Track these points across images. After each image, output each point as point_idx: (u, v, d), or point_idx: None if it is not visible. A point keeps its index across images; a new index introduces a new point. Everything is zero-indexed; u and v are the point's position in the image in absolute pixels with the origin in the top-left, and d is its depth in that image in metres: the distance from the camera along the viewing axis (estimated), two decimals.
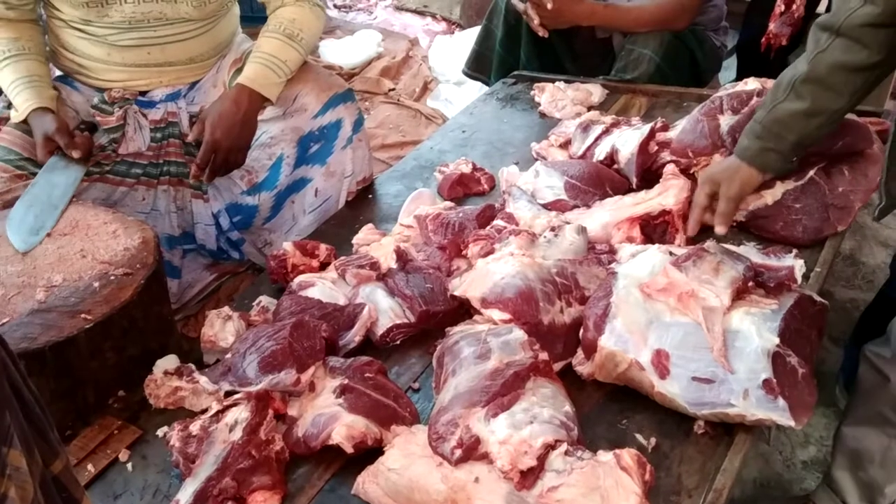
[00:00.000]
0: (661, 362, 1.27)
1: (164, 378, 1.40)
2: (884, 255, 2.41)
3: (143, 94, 1.92)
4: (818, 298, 1.39)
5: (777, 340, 1.27)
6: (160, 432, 1.32)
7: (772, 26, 2.29)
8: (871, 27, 1.28)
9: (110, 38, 1.83)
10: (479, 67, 2.74)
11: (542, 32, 2.37)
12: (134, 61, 1.87)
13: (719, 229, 1.42)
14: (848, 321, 2.10)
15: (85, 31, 1.83)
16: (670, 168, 1.74)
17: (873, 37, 1.29)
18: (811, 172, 1.66)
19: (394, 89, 3.51)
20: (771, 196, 1.67)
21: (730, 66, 3.01)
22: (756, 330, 1.29)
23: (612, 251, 1.55)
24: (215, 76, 1.99)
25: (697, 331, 1.30)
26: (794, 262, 1.41)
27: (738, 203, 1.44)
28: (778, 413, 1.20)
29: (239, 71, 1.91)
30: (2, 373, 0.60)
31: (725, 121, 1.72)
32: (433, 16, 4.21)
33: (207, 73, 1.98)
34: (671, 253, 1.42)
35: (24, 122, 1.75)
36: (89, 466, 1.29)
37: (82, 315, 1.35)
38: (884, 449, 1.48)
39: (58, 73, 1.95)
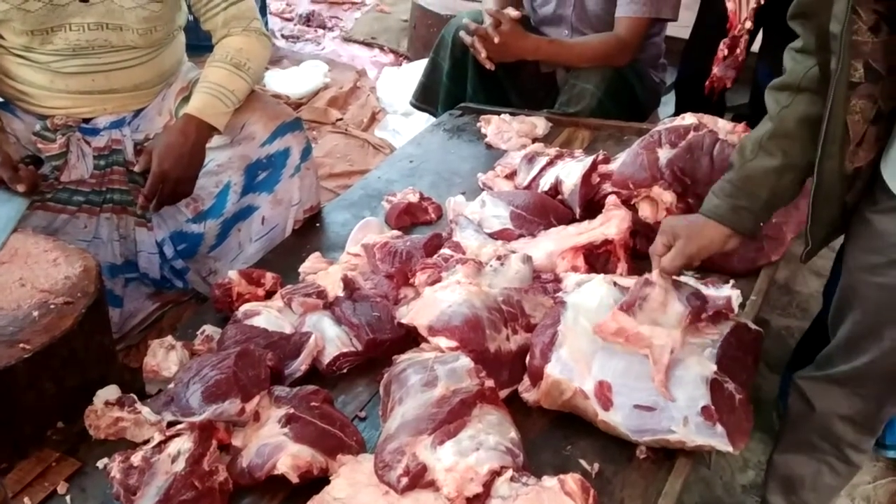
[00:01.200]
0: (603, 394, 1.30)
1: (105, 409, 1.37)
2: (817, 283, 2.50)
3: (86, 121, 1.89)
4: (753, 326, 1.44)
5: (714, 368, 1.31)
6: (100, 464, 1.29)
7: (715, 70, 2.37)
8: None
9: (53, 65, 1.80)
10: (426, 99, 2.78)
11: (488, 65, 2.42)
12: (78, 88, 1.85)
13: (657, 278, 1.41)
14: (784, 348, 2.16)
15: (27, 57, 1.80)
16: (612, 199, 1.79)
17: None
18: None
19: (341, 119, 3.52)
20: None
21: (668, 102, 3.11)
22: (696, 359, 1.33)
23: (558, 280, 1.58)
24: (161, 104, 1.97)
25: (641, 361, 1.33)
26: (730, 293, 1.46)
27: (689, 262, 1.45)
28: (717, 439, 1.24)
29: (186, 100, 1.90)
30: None
31: (664, 154, 1.78)
32: (381, 47, 4.26)
33: (153, 100, 1.97)
34: (615, 283, 1.45)
35: None
36: (26, 500, 1.25)
37: (21, 345, 1.31)
38: (814, 473, 1.52)
39: None
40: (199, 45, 2.06)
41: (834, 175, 1.25)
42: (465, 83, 2.61)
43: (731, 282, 1.49)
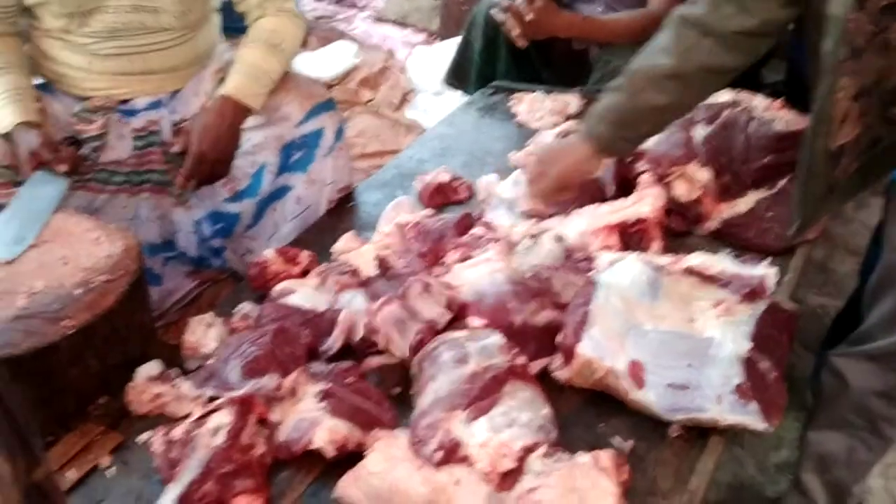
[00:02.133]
0: (636, 373, 1.30)
1: (146, 384, 1.40)
2: (853, 262, 2.46)
3: (124, 102, 1.92)
4: (789, 304, 1.43)
5: (749, 346, 1.30)
6: (142, 438, 1.32)
7: None
8: (745, 35, 1.29)
9: (91, 47, 1.83)
10: (458, 78, 2.77)
11: (521, 43, 2.40)
12: (115, 69, 1.88)
13: (534, 206, 1.40)
14: (819, 327, 2.14)
15: (66, 39, 1.83)
16: (646, 177, 1.78)
17: (747, 44, 1.31)
18: (782, 182, 1.71)
19: (372, 100, 3.53)
20: (745, 205, 1.73)
21: None
22: (729, 336, 1.32)
23: (590, 259, 1.58)
24: (197, 86, 2.00)
25: (674, 339, 1.33)
26: (766, 271, 1.45)
27: (558, 185, 1.43)
28: (750, 417, 1.24)
29: (222, 81, 1.92)
30: None
31: (699, 131, 1.76)
32: (412, 27, 4.24)
33: (189, 81, 1.99)
34: (650, 261, 1.45)
35: (6, 133, 1.75)
36: (70, 473, 1.29)
37: (64, 322, 1.35)
38: (848, 450, 1.51)
39: (37, 80, 1.95)
40: (234, 26, 2.08)
41: (822, 154, 1.25)
42: (496, 62, 2.60)
43: (769, 259, 1.48)
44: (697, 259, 1.49)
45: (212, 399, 1.34)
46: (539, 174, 1.43)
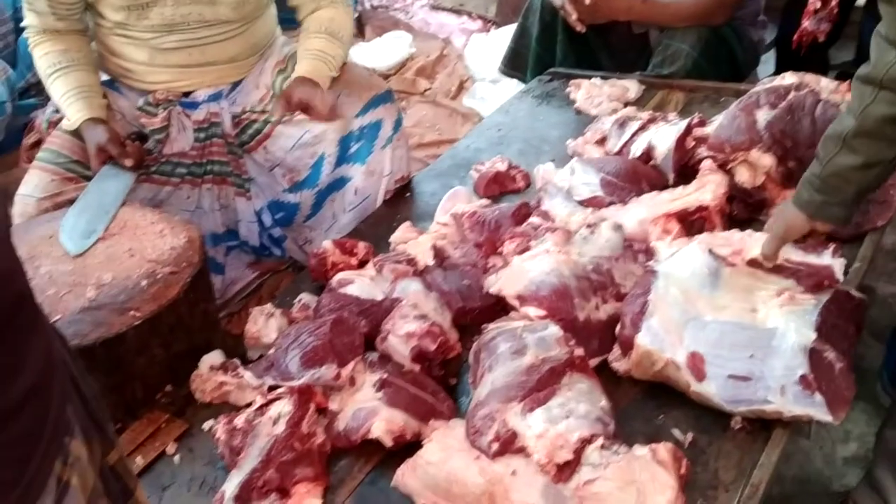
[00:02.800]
0: (696, 365, 1.27)
1: (210, 373, 1.44)
2: None
3: (186, 95, 1.97)
4: (856, 293, 1.39)
5: (814, 336, 1.27)
6: (206, 426, 1.36)
7: (806, 23, 2.25)
8: None
9: (152, 42, 1.88)
10: (515, 65, 2.75)
11: (579, 28, 2.37)
12: (176, 62, 1.92)
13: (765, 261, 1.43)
14: (890, 316, 2.07)
15: (127, 35, 1.88)
16: (707, 164, 1.74)
17: None
18: None
19: (430, 89, 3.53)
20: None
21: (768, 60, 2.98)
22: (793, 326, 1.29)
23: (649, 251, 1.55)
24: (258, 78, 2.03)
25: (734, 329, 1.30)
26: (833, 261, 1.40)
27: (781, 242, 1.44)
28: (815, 408, 1.20)
29: (282, 71, 1.97)
30: (64, 368, 0.64)
31: (763, 115, 1.71)
32: (469, 14, 4.22)
33: (249, 73, 2.03)
34: (711, 251, 1.42)
35: (76, 130, 1.81)
36: (138, 459, 1.34)
37: (131, 312, 1.39)
38: None
39: (104, 77, 2.01)
40: (289, 17, 2.11)
41: None
42: (554, 48, 2.57)
43: (832, 246, 1.44)
44: (760, 243, 1.45)
45: (272, 388, 1.36)
46: (768, 235, 1.45)
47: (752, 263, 1.41)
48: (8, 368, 0.55)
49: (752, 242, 1.46)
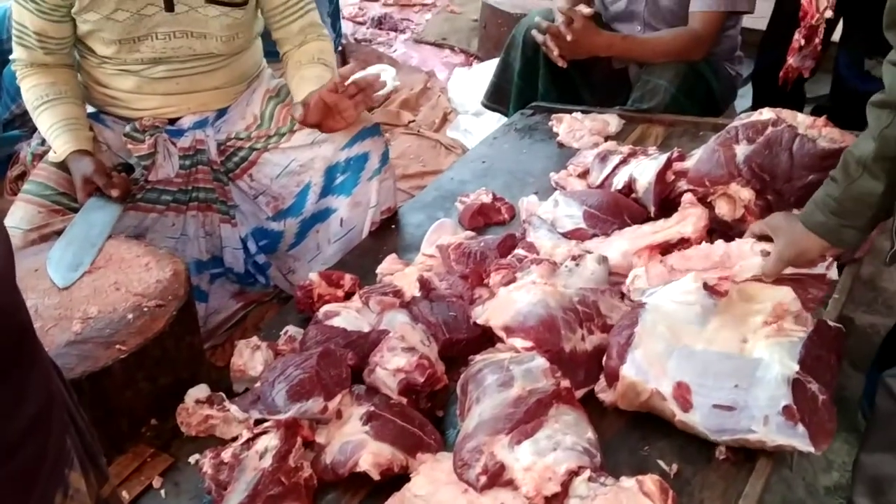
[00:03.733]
0: (682, 395, 1.29)
1: (196, 406, 1.43)
2: None
3: (172, 122, 1.98)
4: (833, 324, 1.41)
5: (797, 367, 1.29)
6: (192, 459, 1.35)
7: (791, 60, 2.31)
8: None
9: (142, 73, 1.90)
10: (497, 99, 2.79)
11: (561, 63, 2.42)
12: (163, 91, 1.95)
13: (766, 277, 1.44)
14: (869, 346, 2.10)
15: (117, 67, 1.90)
16: (688, 197, 1.77)
17: None
18: None
19: (414, 121, 3.57)
20: None
21: (745, 95, 3.04)
22: (777, 357, 1.31)
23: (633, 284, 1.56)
24: (245, 108, 2.05)
25: (718, 359, 1.32)
26: (828, 272, 1.41)
27: (787, 266, 1.45)
28: (798, 439, 1.22)
29: (273, 98, 2.04)
30: (62, 400, 0.64)
31: (741, 150, 1.75)
32: (452, 48, 4.28)
33: (235, 101, 2.05)
34: (705, 284, 1.44)
35: (62, 162, 1.82)
36: (124, 493, 1.32)
37: (117, 346, 1.39)
38: None
39: (90, 109, 2.02)
40: (275, 50, 2.14)
41: None
42: (536, 82, 2.61)
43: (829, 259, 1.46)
44: (749, 266, 1.46)
45: (259, 422, 1.36)
46: (761, 234, 1.45)
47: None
48: (12, 401, 0.55)
49: (737, 260, 1.47)
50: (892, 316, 2.18)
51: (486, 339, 1.51)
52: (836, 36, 2.69)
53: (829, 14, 2.17)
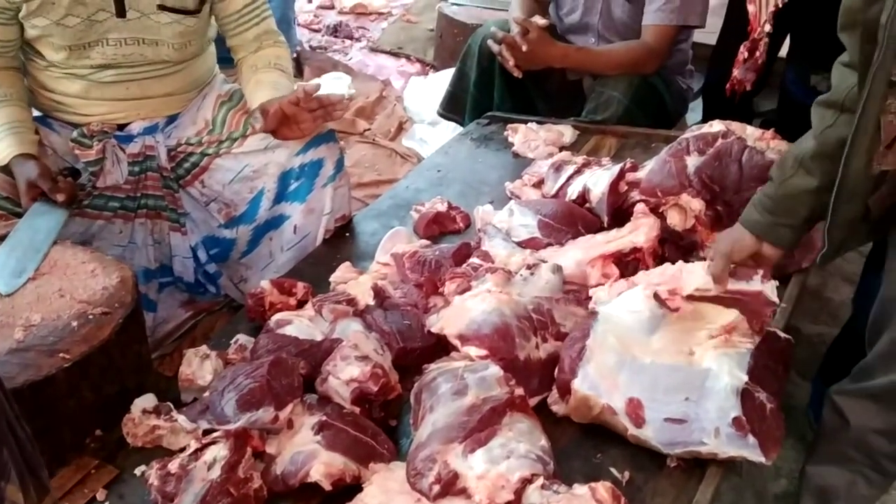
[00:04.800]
0: (634, 411, 1.30)
1: (142, 417, 1.40)
2: (848, 290, 2.47)
3: (121, 128, 1.94)
4: (783, 335, 1.44)
5: (745, 378, 1.31)
6: (138, 471, 1.32)
7: (735, 72, 2.36)
8: None
9: (91, 77, 1.85)
10: (453, 108, 2.80)
11: (516, 73, 2.43)
12: (112, 96, 1.90)
13: (714, 288, 1.43)
14: (815, 356, 2.14)
15: (64, 71, 1.85)
16: (640, 207, 1.79)
17: None
18: None
19: (369, 129, 3.55)
20: None
21: (696, 108, 3.09)
22: (726, 368, 1.32)
23: (586, 295, 1.55)
24: (196, 114, 2.02)
25: (668, 373, 1.33)
26: (764, 286, 1.42)
27: (727, 260, 1.45)
28: (748, 450, 1.24)
29: (225, 103, 2.01)
30: (1, 411, 0.62)
31: (692, 161, 1.78)
32: (407, 57, 4.28)
33: (186, 108, 2.02)
34: (656, 294, 1.44)
35: (5, 166, 1.76)
36: None
37: (60, 354, 1.35)
38: (848, 484, 1.51)
39: (35, 113, 1.96)
40: (228, 56, 2.11)
41: (860, 175, 1.23)
42: (492, 92, 2.63)
43: (760, 272, 1.45)
44: (695, 278, 1.47)
45: (207, 432, 1.33)
46: (715, 255, 1.45)
47: (692, 298, 1.44)
48: None
49: (688, 276, 1.49)
50: (838, 326, 2.23)
51: (440, 347, 1.50)
52: (784, 51, 2.76)
53: (767, 27, 2.22)
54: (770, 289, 1.41)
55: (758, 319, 1.39)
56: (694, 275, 1.45)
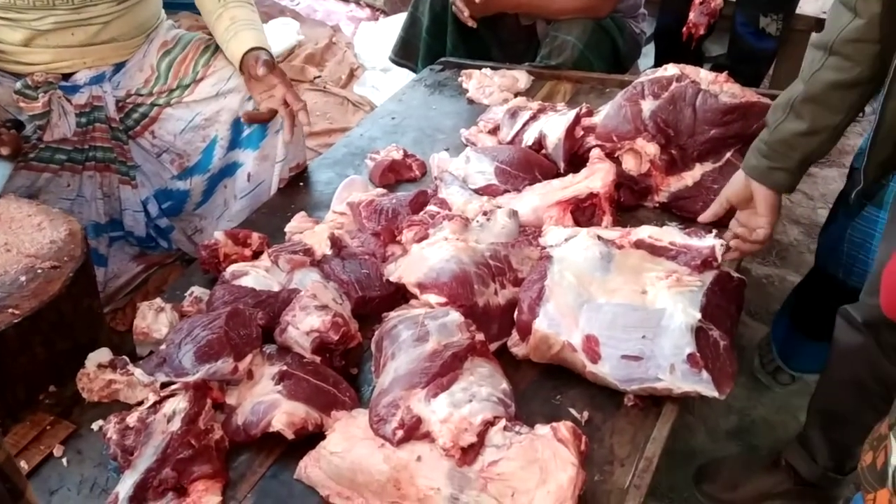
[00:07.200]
0: (591, 347, 1.32)
1: (98, 371, 1.37)
2: (796, 232, 2.53)
3: (66, 77, 1.87)
4: (736, 275, 1.47)
5: (699, 316, 1.33)
6: (95, 426, 1.30)
7: (691, 16, 2.37)
8: (858, 42, 1.28)
9: (33, 24, 1.78)
10: (405, 54, 2.75)
11: (470, 23, 2.40)
12: (56, 43, 1.83)
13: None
14: (764, 296, 2.20)
15: (4, 17, 1.77)
16: (596, 152, 1.79)
17: (861, 53, 1.29)
18: (728, 154, 1.75)
19: (319, 77, 3.49)
20: (691, 178, 1.76)
21: (648, 53, 3.10)
22: (680, 307, 1.35)
23: (543, 235, 1.58)
24: (142, 60, 1.96)
25: (626, 311, 1.35)
26: (714, 242, 1.47)
27: (725, 206, 1.51)
28: (702, 385, 1.27)
29: (167, 53, 1.94)
30: None
31: (647, 106, 1.78)
32: (357, 2, 4.19)
33: (133, 55, 1.95)
34: (599, 237, 1.47)
35: None
36: (22, 463, 1.26)
37: (10, 310, 1.31)
38: (855, 412, 1.51)
39: None
40: (175, 2, 2.04)
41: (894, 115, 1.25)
42: (444, 38, 2.59)
43: (714, 231, 1.51)
44: (646, 231, 1.51)
45: (165, 385, 1.32)
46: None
47: (640, 245, 1.46)
48: None
49: (639, 230, 1.52)
50: (786, 267, 2.29)
51: (399, 296, 1.50)
52: None
53: None
54: (718, 246, 1.44)
55: (701, 271, 1.42)
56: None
